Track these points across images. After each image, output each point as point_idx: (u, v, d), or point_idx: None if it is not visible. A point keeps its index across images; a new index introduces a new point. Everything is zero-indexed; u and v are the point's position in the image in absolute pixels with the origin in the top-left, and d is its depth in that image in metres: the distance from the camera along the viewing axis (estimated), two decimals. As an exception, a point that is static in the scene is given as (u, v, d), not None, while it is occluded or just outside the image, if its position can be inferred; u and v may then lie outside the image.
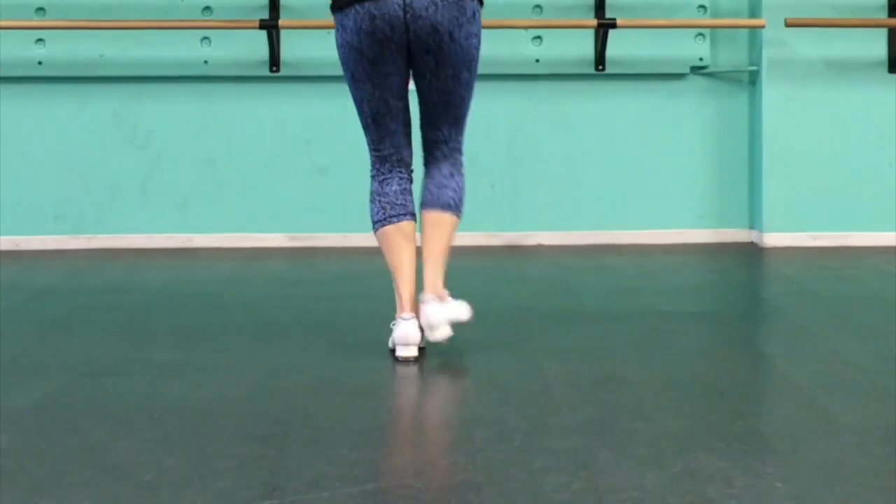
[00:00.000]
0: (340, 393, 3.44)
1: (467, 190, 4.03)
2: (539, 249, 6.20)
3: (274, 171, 6.26)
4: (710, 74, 6.39)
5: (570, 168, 6.36)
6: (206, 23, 6.13)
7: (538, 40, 6.31)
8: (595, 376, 3.59)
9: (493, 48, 6.26)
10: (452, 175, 3.96)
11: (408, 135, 3.92)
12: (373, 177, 3.93)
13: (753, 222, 6.35)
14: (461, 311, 3.82)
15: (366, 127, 3.89)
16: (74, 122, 6.24)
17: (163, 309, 4.71)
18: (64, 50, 6.19)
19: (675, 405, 3.32)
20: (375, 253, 6.10)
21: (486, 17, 6.17)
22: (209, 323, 4.43)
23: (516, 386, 3.49)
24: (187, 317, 4.54)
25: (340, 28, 3.76)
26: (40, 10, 6.19)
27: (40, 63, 6.20)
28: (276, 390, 3.49)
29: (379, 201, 3.89)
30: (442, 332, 3.74)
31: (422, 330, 3.77)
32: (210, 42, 6.20)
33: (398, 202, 3.88)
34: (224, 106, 6.23)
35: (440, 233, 3.89)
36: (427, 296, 3.77)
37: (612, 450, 2.88)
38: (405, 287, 3.81)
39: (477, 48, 3.85)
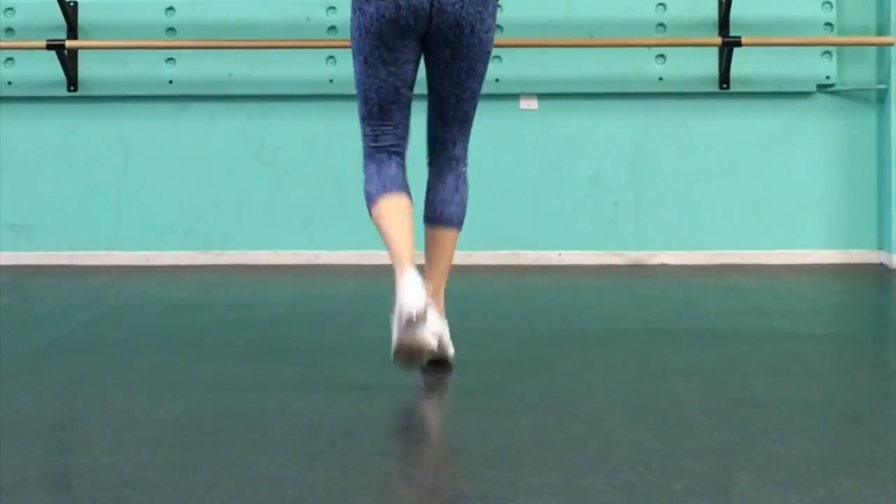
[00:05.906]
0: (474, 411, 3.46)
1: (592, 212, 4.00)
2: (662, 269, 6.17)
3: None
4: (836, 93, 6.31)
5: (693, 187, 6.32)
6: (332, 42, 6.21)
7: (661, 58, 6.29)
8: (729, 398, 3.57)
9: (616, 66, 6.29)
10: (457, 188, 3.91)
11: (408, 127, 3.85)
12: (367, 166, 3.82)
13: (882, 243, 6.25)
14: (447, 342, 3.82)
15: (368, 116, 3.80)
16: (203, 139, 6.36)
17: (292, 325, 4.77)
18: (193, 69, 6.32)
19: (813, 429, 3.29)
20: (501, 271, 6.18)
21: (608, 35, 6.25)
22: (339, 340, 4.47)
23: (650, 406, 3.48)
24: (317, 334, 4.59)
25: (359, 12, 3.72)
26: (170, 30, 6.32)
27: (170, 82, 6.33)
28: (409, 408, 3.51)
29: (378, 178, 3.75)
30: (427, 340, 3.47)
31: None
32: (335, 61, 6.27)
33: (399, 180, 3.77)
34: (348, 124, 6.22)
35: (444, 250, 3.85)
36: (428, 300, 3.52)
37: (751, 473, 2.86)
38: (405, 249, 3.60)
39: (493, 42, 3.81)
